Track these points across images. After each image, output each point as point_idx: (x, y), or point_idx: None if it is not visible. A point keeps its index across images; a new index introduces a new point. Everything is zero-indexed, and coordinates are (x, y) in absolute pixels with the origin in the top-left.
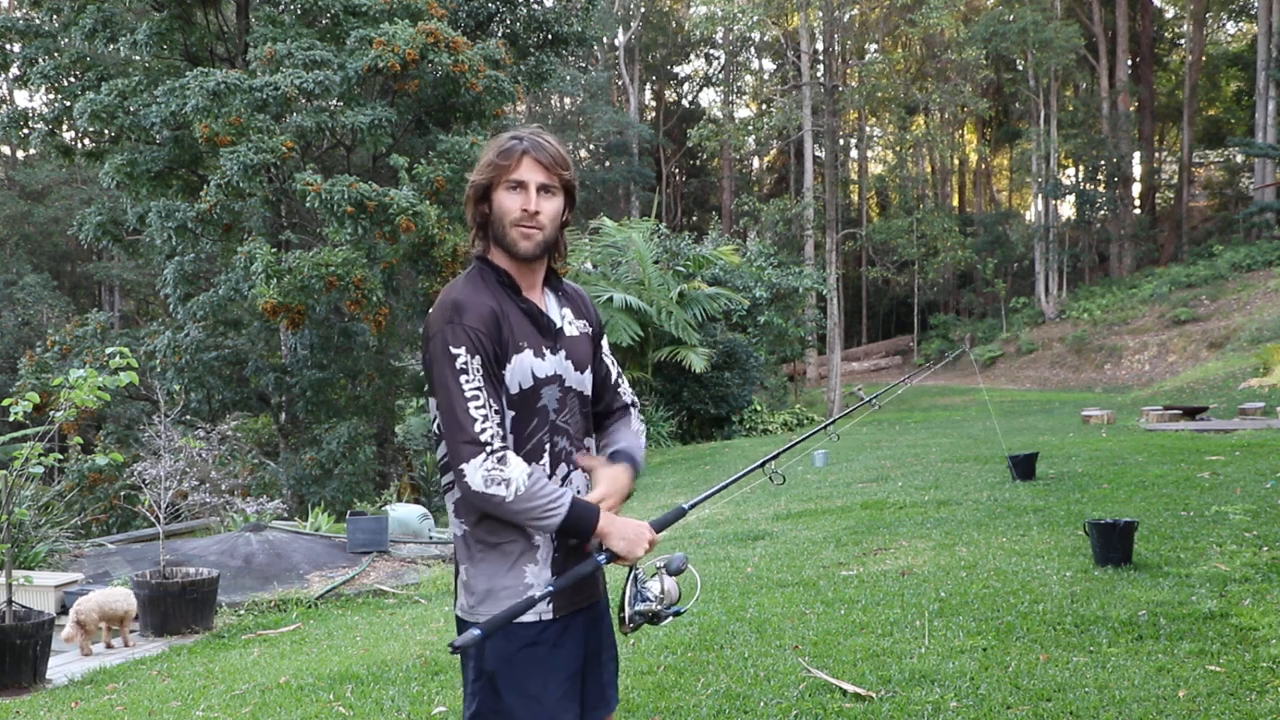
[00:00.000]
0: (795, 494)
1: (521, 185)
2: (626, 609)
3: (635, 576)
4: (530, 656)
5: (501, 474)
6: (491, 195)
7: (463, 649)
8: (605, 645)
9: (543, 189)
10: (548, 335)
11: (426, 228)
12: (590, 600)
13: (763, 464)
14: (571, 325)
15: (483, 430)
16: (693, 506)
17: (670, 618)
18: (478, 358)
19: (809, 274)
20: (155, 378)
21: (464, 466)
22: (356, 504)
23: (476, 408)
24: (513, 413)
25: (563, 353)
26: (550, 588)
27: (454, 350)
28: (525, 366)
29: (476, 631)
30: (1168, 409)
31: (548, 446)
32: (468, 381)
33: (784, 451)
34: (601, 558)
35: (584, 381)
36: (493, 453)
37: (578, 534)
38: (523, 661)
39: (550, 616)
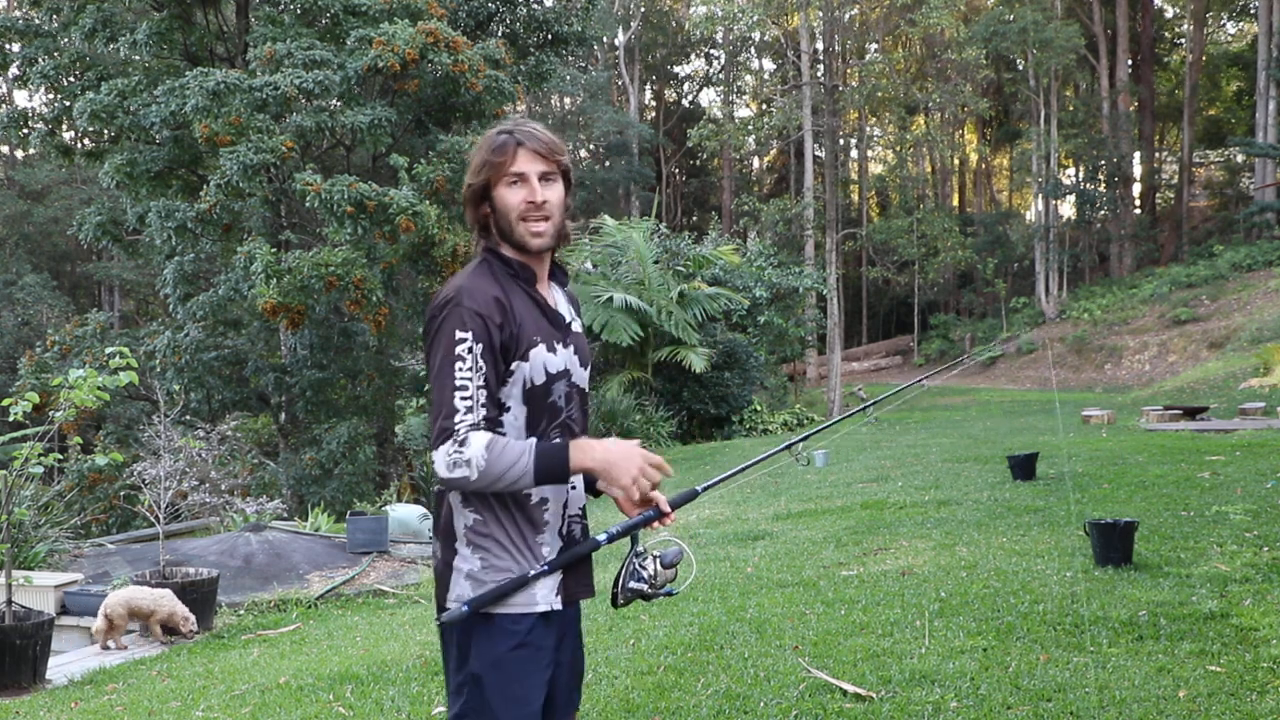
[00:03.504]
0: (795, 494)
1: (522, 178)
2: (621, 583)
3: (636, 552)
4: (518, 658)
5: (462, 455)
6: (492, 193)
7: (449, 623)
8: (577, 646)
9: (543, 177)
10: (559, 329)
11: (426, 228)
12: (585, 594)
13: (788, 446)
14: (575, 321)
15: (456, 418)
16: (706, 489)
17: (662, 596)
18: (481, 345)
19: (809, 274)
20: (155, 378)
21: (434, 453)
22: (356, 504)
23: (462, 397)
24: (526, 409)
25: (571, 348)
26: (545, 566)
27: (459, 335)
28: (540, 361)
29: (464, 607)
30: (1168, 409)
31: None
32: (461, 367)
33: (814, 434)
34: (603, 537)
35: (586, 379)
36: (457, 438)
37: (558, 478)
38: (510, 663)
39: (559, 606)
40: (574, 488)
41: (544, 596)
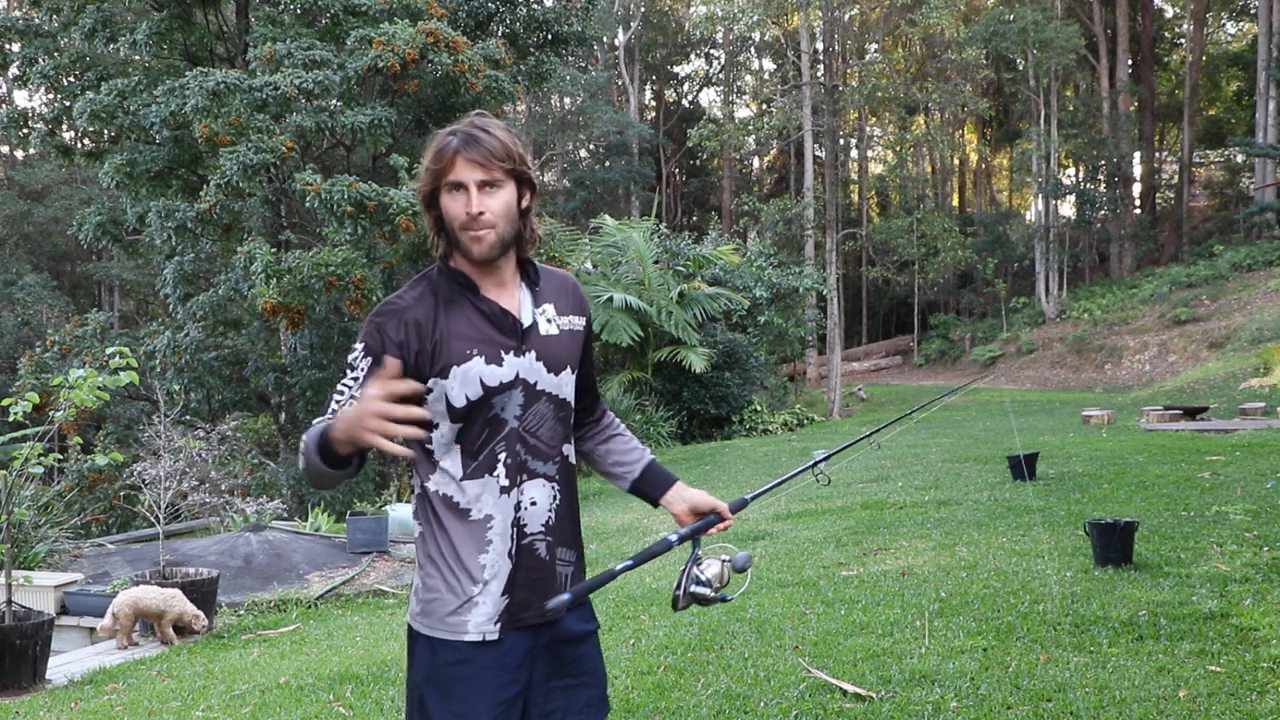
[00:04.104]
0: (795, 494)
1: (460, 187)
2: (681, 588)
3: (695, 557)
4: (456, 674)
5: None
6: (439, 200)
7: (555, 610)
8: (569, 672)
9: (484, 185)
10: (511, 336)
11: (426, 228)
12: (540, 621)
13: (814, 465)
14: (551, 323)
15: (320, 419)
16: (754, 498)
17: (718, 602)
18: (369, 359)
19: (809, 274)
20: (155, 378)
21: None
22: (356, 504)
23: (336, 401)
24: (458, 424)
25: (532, 354)
26: (631, 562)
27: (356, 345)
28: (473, 375)
29: (566, 596)
30: (1168, 409)
31: (502, 456)
32: (349, 374)
33: (837, 453)
34: (674, 537)
35: (560, 384)
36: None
37: (333, 454)
38: (449, 679)
39: (495, 636)
40: (534, 503)
41: (477, 625)
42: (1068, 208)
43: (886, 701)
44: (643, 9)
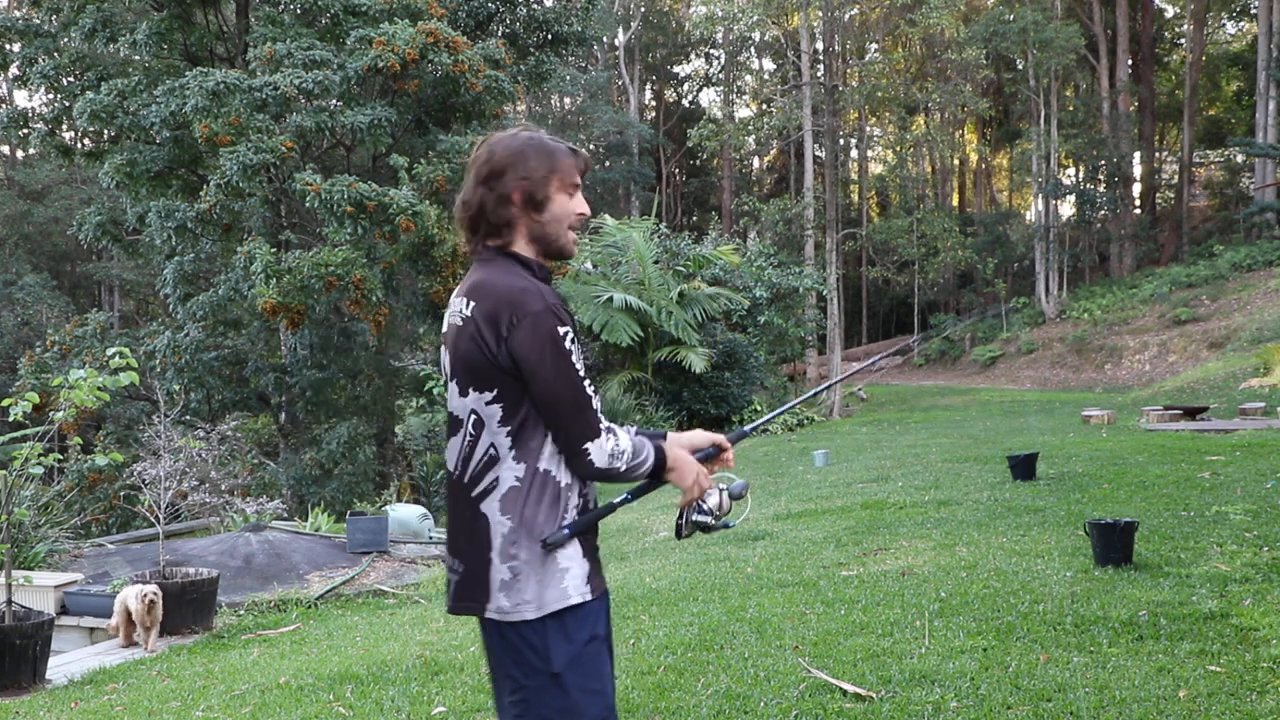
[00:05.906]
0: (795, 494)
1: (578, 190)
2: (684, 518)
3: None
4: (592, 651)
5: (618, 447)
6: (548, 198)
7: (554, 542)
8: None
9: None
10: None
11: (426, 228)
12: (604, 585)
13: (826, 387)
14: None
15: (597, 409)
16: (753, 429)
17: (720, 529)
18: (573, 333)
19: (809, 274)
20: (155, 378)
21: (589, 447)
22: (356, 504)
23: (589, 386)
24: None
25: None
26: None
27: (561, 330)
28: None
29: (565, 530)
30: (1168, 409)
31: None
32: (577, 361)
33: (832, 385)
34: (625, 495)
35: None
36: (605, 431)
37: (656, 474)
38: (589, 657)
39: (590, 597)
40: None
41: (576, 589)
42: (1068, 208)
43: (886, 701)
44: (643, 9)
